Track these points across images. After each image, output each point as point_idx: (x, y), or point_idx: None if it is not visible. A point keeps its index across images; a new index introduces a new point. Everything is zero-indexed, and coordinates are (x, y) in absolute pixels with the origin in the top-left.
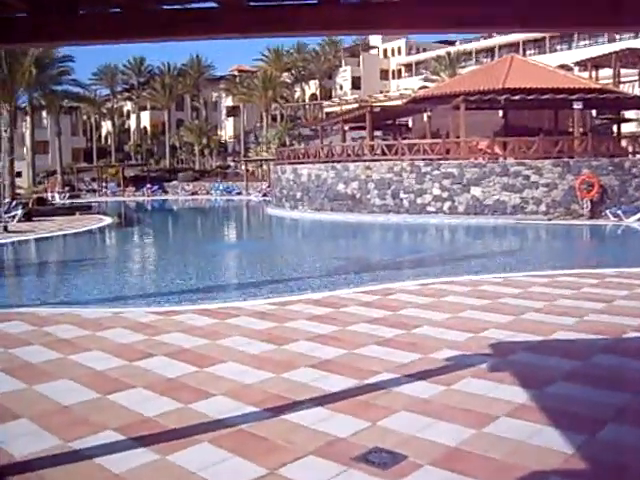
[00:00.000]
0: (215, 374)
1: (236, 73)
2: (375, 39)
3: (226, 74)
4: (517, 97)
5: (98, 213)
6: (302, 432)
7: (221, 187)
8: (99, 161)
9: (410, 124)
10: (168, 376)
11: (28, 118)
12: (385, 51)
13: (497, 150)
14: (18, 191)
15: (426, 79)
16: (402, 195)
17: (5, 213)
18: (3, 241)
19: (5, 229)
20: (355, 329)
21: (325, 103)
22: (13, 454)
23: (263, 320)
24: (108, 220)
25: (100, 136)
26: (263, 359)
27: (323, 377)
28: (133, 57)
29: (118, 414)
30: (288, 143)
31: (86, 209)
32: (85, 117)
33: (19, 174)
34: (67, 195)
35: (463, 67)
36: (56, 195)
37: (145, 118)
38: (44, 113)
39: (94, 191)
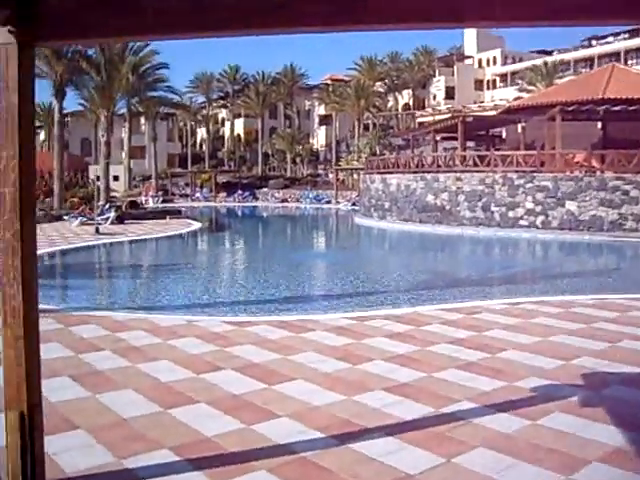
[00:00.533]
0: (283, 393)
1: (329, 82)
2: (470, 48)
3: (319, 83)
4: (618, 108)
5: (187, 218)
6: (369, 465)
7: (311, 195)
8: (193, 167)
9: (504, 135)
10: (234, 392)
11: (126, 124)
12: (480, 61)
13: (594, 163)
14: (113, 194)
15: (521, 89)
16: (493, 208)
17: (98, 215)
18: (93, 243)
19: (97, 231)
20: (436, 350)
21: (418, 113)
22: (64, 468)
23: (340, 336)
24: (197, 225)
25: (195, 142)
26: (335, 379)
27: (397, 402)
28: (229, 65)
29: (177, 431)
30: (379, 152)
31: (176, 213)
32: (181, 124)
33: (116, 178)
34: (160, 199)
35: (560, 77)
36: (150, 199)
37: (239, 125)
38: (142, 119)
39: (187, 196)
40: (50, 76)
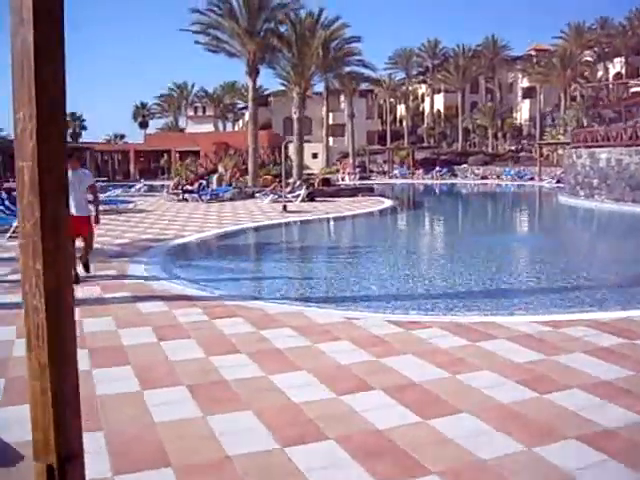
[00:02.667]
0: (440, 433)
1: (533, 53)
2: None
3: (522, 54)
4: None
5: (381, 195)
6: None
7: (512, 172)
8: (392, 144)
9: None
10: (377, 427)
11: (324, 101)
12: None
13: None
14: (310, 172)
15: None
16: None
17: (289, 193)
18: (277, 221)
19: (284, 208)
20: None
21: (631, 82)
22: None
23: (526, 348)
24: (388, 203)
25: (395, 119)
26: (512, 415)
27: (598, 464)
28: (428, 40)
29: (284, 477)
30: (586, 125)
31: (368, 191)
32: (381, 101)
33: (315, 155)
34: (357, 176)
35: None
36: (346, 176)
37: (439, 101)
38: (342, 97)
39: (384, 173)
40: (243, 54)
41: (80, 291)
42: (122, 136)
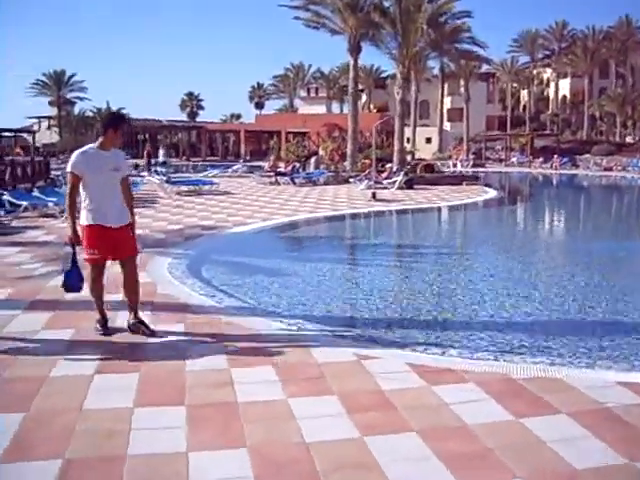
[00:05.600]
0: None
1: None
2: None
3: None
4: None
5: (487, 185)
6: None
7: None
8: (512, 130)
9: None
10: None
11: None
12: None
13: None
14: (420, 157)
15: None
16: None
17: (385, 179)
18: (357, 210)
19: (373, 196)
20: None
21: None
22: None
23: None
24: (491, 194)
25: (517, 105)
26: None
27: None
28: (555, 21)
29: None
30: None
31: (473, 179)
32: (503, 85)
33: (429, 140)
34: (471, 163)
35: None
36: (458, 163)
37: (564, 86)
38: (462, 80)
39: (501, 160)
40: (345, 31)
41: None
42: (238, 116)
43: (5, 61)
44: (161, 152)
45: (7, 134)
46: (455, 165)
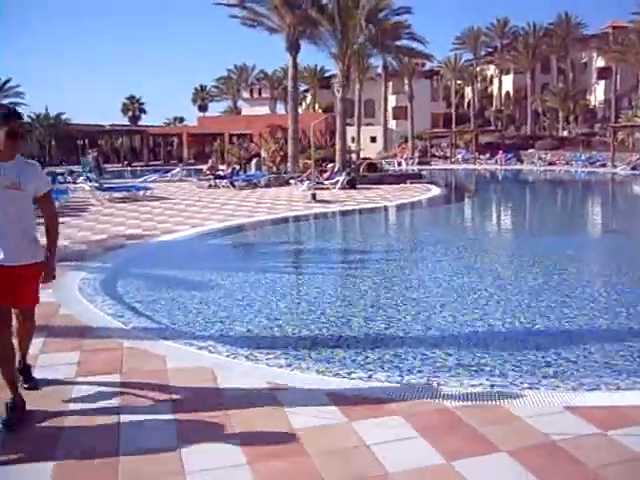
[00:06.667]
0: None
1: (610, 30)
2: None
3: (598, 32)
4: None
5: (430, 183)
6: None
7: (583, 157)
8: (458, 127)
9: None
10: None
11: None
12: None
13: None
14: (365, 156)
15: None
16: None
17: (327, 179)
18: (297, 213)
19: (313, 197)
20: None
21: None
22: None
23: None
24: (435, 192)
25: (462, 102)
26: None
27: None
28: (497, 19)
29: None
30: None
31: (417, 177)
32: (447, 83)
33: (374, 139)
34: (416, 161)
35: None
36: (403, 161)
37: (507, 82)
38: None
39: (446, 158)
40: (283, 29)
41: None
42: (181, 119)
43: None
44: (89, 157)
45: None
46: (400, 164)
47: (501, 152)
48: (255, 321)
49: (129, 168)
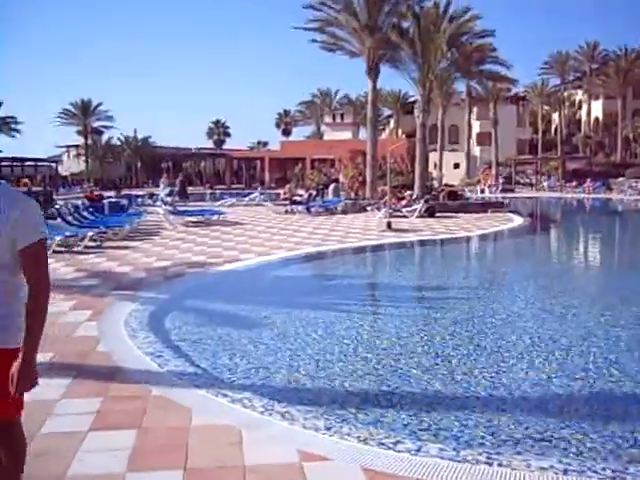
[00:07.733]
0: None
1: None
2: None
3: None
4: None
5: (512, 212)
6: None
7: None
8: (544, 153)
9: None
10: None
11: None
12: None
13: None
14: (448, 182)
15: None
16: None
17: (404, 207)
18: (369, 242)
19: (388, 226)
20: None
21: None
22: None
23: None
24: (517, 222)
25: (549, 128)
26: None
27: None
28: (586, 42)
29: None
30: None
31: (499, 206)
32: (534, 108)
33: (457, 165)
34: (499, 188)
35: None
36: (486, 188)
37: (597, 108)
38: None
39: (531, 185)
40: (363, 53)
41: None
42: (265, 143)
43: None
44: (163, 181)
45: (29, 163)
46: (483, 191)
47: (589, 180)
48: (303, 368)
49: (209, 191)
